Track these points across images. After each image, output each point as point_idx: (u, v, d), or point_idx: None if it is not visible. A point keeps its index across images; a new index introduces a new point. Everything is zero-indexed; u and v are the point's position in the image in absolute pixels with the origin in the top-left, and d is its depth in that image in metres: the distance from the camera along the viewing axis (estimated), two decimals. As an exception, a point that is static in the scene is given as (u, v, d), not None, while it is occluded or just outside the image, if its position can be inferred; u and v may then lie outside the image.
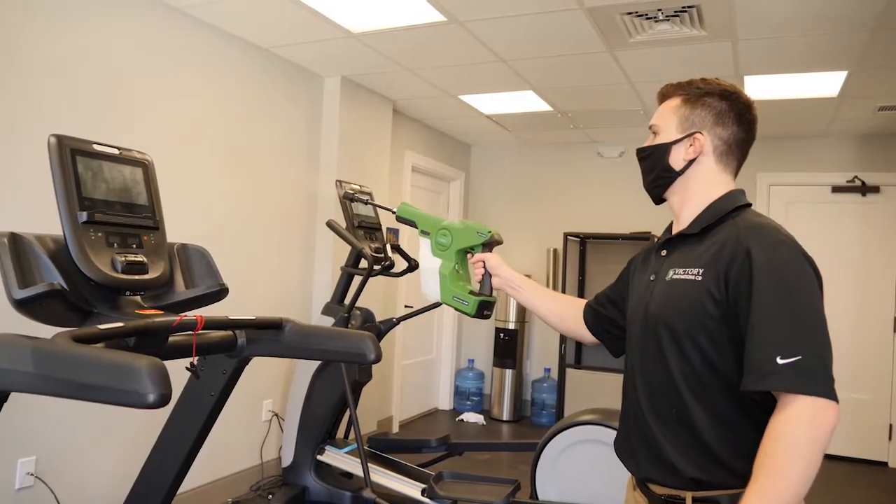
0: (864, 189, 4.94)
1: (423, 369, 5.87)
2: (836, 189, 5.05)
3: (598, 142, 5.80)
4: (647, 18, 3.03)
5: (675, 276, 1.27)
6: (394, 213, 1.90)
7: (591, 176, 5.89)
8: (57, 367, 1.38)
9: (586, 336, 1.61)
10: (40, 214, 2.50)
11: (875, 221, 4.98)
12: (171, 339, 1.83)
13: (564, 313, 1.65)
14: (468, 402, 5.98)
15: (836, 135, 5.06)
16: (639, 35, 3.24)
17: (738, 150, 1.33)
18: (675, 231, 1.37)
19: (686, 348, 1.21)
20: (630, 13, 2.99)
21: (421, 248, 1.79)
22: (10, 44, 2.50)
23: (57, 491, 2.66)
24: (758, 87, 3.98)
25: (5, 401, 1.62)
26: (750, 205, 1.33)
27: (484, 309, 1.66)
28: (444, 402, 6.10)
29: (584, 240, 5.81)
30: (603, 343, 1.60)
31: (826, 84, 3.84)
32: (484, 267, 1.67)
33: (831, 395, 1.07)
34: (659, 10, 2.93)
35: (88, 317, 1.81)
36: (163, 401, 1.30)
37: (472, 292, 1.68)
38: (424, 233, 1.78)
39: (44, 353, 1.40)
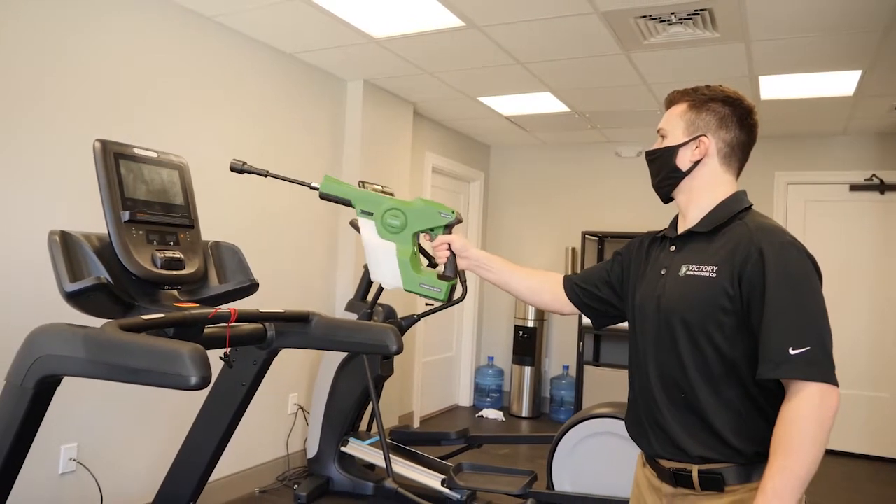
0: (883, 187, 4.95)
1: (444, 366, 5.97)
2: (854, 187, 5.05)
3: (615, 142, 5.86)
4: (661, 21, 3.11)
5: (688, 273, 1.35)
6: (316, 189, 1.73)
7: (609, 176, 5.95)
8: (107, 352, 1.51)
9: (565, 308, 1.66)
10: (78, 213, 2.66)
11: (893, 219, 4.98)
12: (206, 330, 1.96)
13: (538, 288, 1.69)
14: (488, 399, 6.07)
15: (853, 133, 5.07)
16: (653, 37, 3.31)
17: (740, 152, 1.42)
18: (682, 228, 1.45)
19: (699, 340, 1.31)
20: (643, 16, 3.06)
21: (362, 230, 1.65)
22: (55, 53, 2.65)
23: (97, 475, 2.81)
24: (773, 87, 4.02)
25: (58, 385, 1.76)
26: (752, 205, 1.42)
27: (452, 293, 1.61)
28: (465, 398, 6.21)
29: (602, 239, 5.88)
30: (587, 316, 1.67)
31: (841, 83, 3.88)
32: (449, 249, 1.64)
33: (834, 380, 1.20)
34: (672, 13, 3.01)
35: (130, 309, 1.94)
36: (204, 383, 1.42)
37: (440, 277, 1.60)
38: (366, 213, 1.64)
39: (95, 340, 1.53)
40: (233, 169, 1.93)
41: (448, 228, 1.63)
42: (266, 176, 1.94)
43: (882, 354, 4.96)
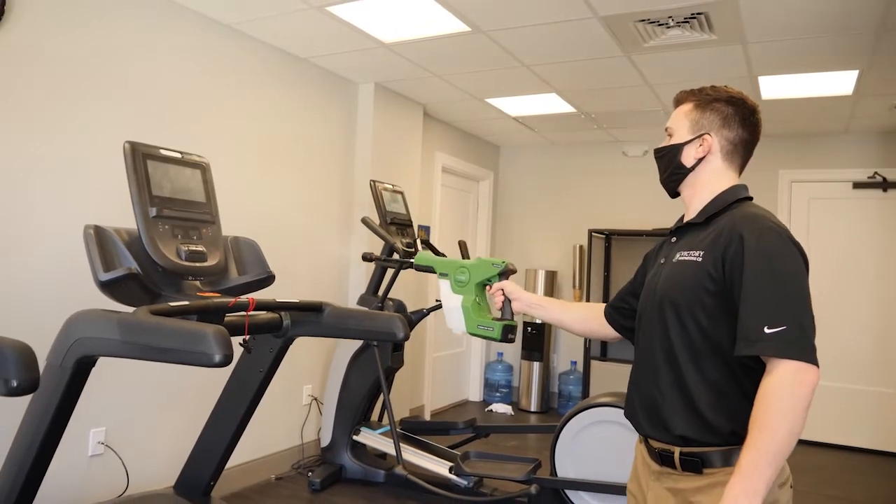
0: (885, 185, 5.02)
1: (454, 361, 6.11)
2: (857, 185, 5.13)
3: (622, 141, 5.97)
4: (659, 25, 3.23)
5: (680, 258, 1.45)
6: (412, 264, 2.06)
7: (615, 174, 6.07)
8: (139, 333, 1.67)
9: (610, 334, 1.77)
10: (105, 208, 2.83)
11: (896, 216, 5.06)
12: (226, 318, 2.11)
13: (586, 317, 1.81)
14: (497, 394, 6.20)
15: (855, 132, 5.15)
16: (652, 40, 3.43)
17: (742, 150, 1.51)
18: (685, 221, 1.55)
19: (686, 321, 1.39)
20: (642, 20, 3.18)
21: (441, 290, 1.92)
22: (90, 61, 2.82)
23: (124, 457, 2.98)
24: (773, 88, 4.12)
25: (93, 366, 1.92)
26: (751, 198, 1.49)
27: (508, 332, 1.80)
28: (475, 393, 6.34)
29: (609, 236, 5.99)
30: (627, 337, 1.75)
31: (839, 83, 3.97)
32: (503, 294, 1.81)
33: (811, 359, 1.22)
34: (669, 17, 3.13)
35: (157, 298, 2.10)
36: (226, 361, 1.58)
37: (495, 319, 1.82)
38: (443, 275, 1.91)
39: (128, 322, 1.69)
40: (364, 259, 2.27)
41: (503, 276, 1.83)
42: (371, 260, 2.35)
43: (886, 350, 5.03)
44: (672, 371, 1.41)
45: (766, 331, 1.24)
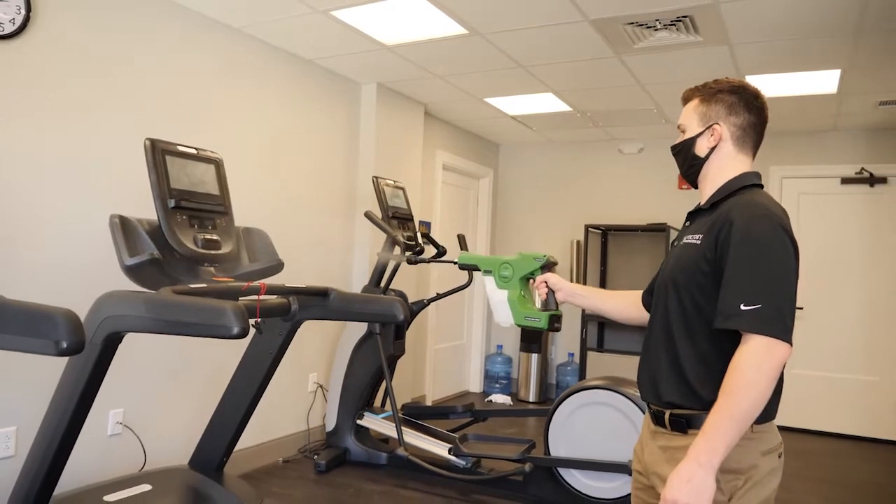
0: (872, 180, 5.18)
1: (455, 353, 6.29)
2: (846, 180, 5.30)
3: (618, 139, 6.14)
4: (647, 27, 3.39)
5: (686, 241, 1.59)
6: (456, 263, 2.21)
7: (612, 172, 6.24)
8: (164, 310, 1.85)
9: (647, 318, 1.86)
10: (124, 199, 3.01)
11: (883, 211, 5.22)
12: (239, 300, 2.28)
13: (626, 304, 1.88)
14: (497, 385, 6.37)
15: (843, 129, 5.31)
16: (641, 42, 3.60)
17: (752, 133, 1.57)
18: (699, 207, 1.68)
19: (683, 299, 1.52)
20: (631, 23, 3.35)
21: (486, 286, 2.02)
22: (110, 64, 3.00)
23: (141, 436, 3.16)
24: (761, 86, 4.19)
25: (120, 342, 2.10)
26: (761, 186, 1.56)
27: (555, 322, 1.89)
28: (475, 384, 6.52)
29: (606, 232, 6.16)
30: None
31: (824, 82, 4.13)
32: (547, 286, 1.90)
33: (783, 336, 1.31)
34: (656, 20, 3.29)
35: (175, 282, 2.28)
36: (243, 333, 1.76)
37: (540, 309, 1.92)
38: (487, 272, 2.02)
39: (154, 300, 1.88)
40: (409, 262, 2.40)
41: (545, 269, 1.94)
42: (427, 262, 2.53)
43: (873, 340, 5.20)
44: (668, 344, 1.53)
45: (742, 307, 1.34)
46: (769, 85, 4.26)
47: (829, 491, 4.01)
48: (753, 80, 4.14)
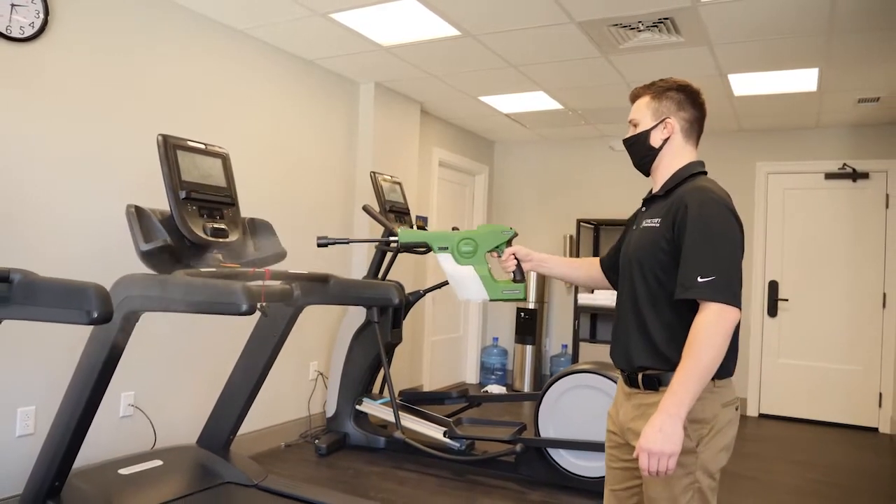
0: (855, 175, 5.36)
1: (452, 345, 6.46)
2: (829, 176, 5.47)
3: (608, 136, 6.31)
4: (631, 29, 3.56)
5: (645, 225, 1.78)
6: (395, 242, 2.02)
7: (602, 167, 6.41)
8: (179, 290, 2.02)
9: (606, 284, 2.09)
10: (134, 192, 3.18)
11: (865, 205, 5.39)
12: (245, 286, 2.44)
13: (588, 272, 2.08)
14: (492, 376, 6.54)
15: (825, 126, 5.48)
16: (626, 42, 3.77)
17: (697, 126, 1.78)
18: (652, 194, 1.87)
19: (647, 275, 1.70)
20: (615, 25, 3.52)
21: (442, 263, 1.93)
22: (124, 65, 3.17)
23: (151, 417, 3.34)
24: (743, 85, 4.46)
25: (137, 321, 2.27)
26: (705, 172, 1.76)
27: (526, 292, 2.02)
28: (471, 376, 6.69)
29: (598, 226, 6.34)
30: (614, 287, 2.03)
31: (804, 80, 4.30)
32: (515, 258, 1.98)
33: (733, 302, 1.52)
34: (639, 21, 3.46)
35: (186, 268, 2.43)
36: (251, 310, 1.93)
37: (514, 281, 1.94)
38: (442, 248, 1.94)
39: (169, 281, 2.04)
40: (319, 245, 2.33)
41: (509, 242, 1.97)
42: (348, 243, 2.34)
43: (855, 330, 5.37)
44: (636, 316, 1.71)
45: (699, 280, 1.54)
46: (751, 84, 4.43)
47: (806, 471, 4.19)
48: (736, 79, 4.36)
